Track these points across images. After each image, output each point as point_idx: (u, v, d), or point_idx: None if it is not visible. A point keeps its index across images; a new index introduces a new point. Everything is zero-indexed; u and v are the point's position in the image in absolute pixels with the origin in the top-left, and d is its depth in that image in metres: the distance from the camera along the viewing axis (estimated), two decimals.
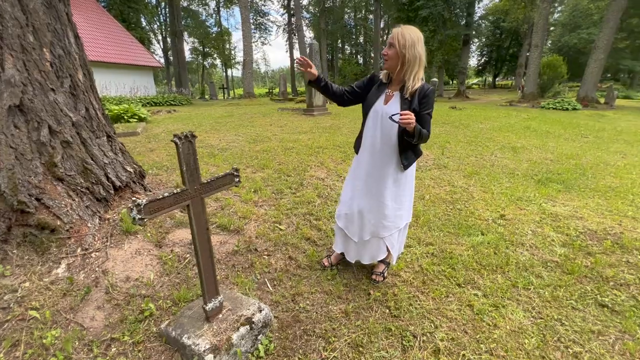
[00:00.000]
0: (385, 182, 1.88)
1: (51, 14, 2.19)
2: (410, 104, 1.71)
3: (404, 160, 1.82)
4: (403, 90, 1.74)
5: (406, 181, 1.91)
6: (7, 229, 1.88)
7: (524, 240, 2.64)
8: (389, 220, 1.93)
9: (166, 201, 1.27)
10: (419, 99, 1.71)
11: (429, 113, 1.74)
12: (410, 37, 1.63)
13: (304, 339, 1.66)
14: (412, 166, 1.91)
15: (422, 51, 1.66)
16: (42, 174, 2.02)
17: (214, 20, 38.93)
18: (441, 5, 21.41)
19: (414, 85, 1.69)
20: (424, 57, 1.68)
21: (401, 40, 1.62)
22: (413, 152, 1.87)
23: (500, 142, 6.12)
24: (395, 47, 1.64)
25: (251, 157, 4.39)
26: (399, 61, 1.67)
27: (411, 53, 1.63)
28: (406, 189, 1.93)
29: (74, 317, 1.64)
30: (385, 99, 1.81)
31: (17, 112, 1.97)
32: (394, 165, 1.84)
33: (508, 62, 41.84)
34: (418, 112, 1.71)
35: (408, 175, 1.91)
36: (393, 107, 1.76)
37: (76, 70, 2.32)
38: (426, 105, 1.71)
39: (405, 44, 1.62)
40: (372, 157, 1.87)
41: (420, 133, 1.65)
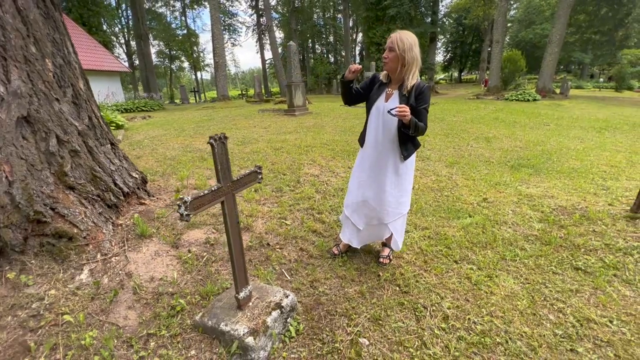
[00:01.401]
0: (388, 172, 2.06)
1: (49, 24, 2.19)
2: (408, 100, 1.90)
3: (404, 152, 2.02)
4: (401, 88, 1.93)
5: (406, 170, 2.10)
6: (24, 240, 1.89)
7: (507, 219, 2.95)
8: (392, 207, 2.12)
9: (206, 198, 1.38)
10: (415, 95, 1.90)
11: (425, 108, 1.93)
12: (408, 41, 1.82)
13: (328, 318, 1.82)
14: (412, 157, 2.11)
15: (418, 53, 1.87)
16: (53, 184, 2.03)
17: (180, 22, 37.86)
18: (407, 4, 22.17)
19: (411, 83, 1.88)
20: (420, 57, 1.88)
21: (400, 44, 1.81)
22: (412, 143, 2.07)
23: (474, 133, 6.56)
24: (395, 51, 1.83)
25: (243, 159, 4.46)
26: (398, 63, 1.85)
27: (410, 55, 1.83)
28: (407, 178, 2.12)
29: (106, 318, 1.70)
30: (385, 96, 2.00)
31: (24, 123, 1.97)
32: (395, 156, 2.03)
33: (472, 57, 43.96)
34: (415, 107, 1.90)
35: (408, 165, 2.10)
36: (393, 104, 1.94)
37: (77, 79, 2.33)
38: (422, 101, 1.91)
39: (404, 48, 1.81)
40: (375, 149, 2.06)
41: (416, 125, 1.85)
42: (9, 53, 1.91)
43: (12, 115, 1.89)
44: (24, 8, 2.01)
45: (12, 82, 1.91)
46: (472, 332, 1.72)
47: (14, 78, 1.92)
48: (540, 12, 34.67)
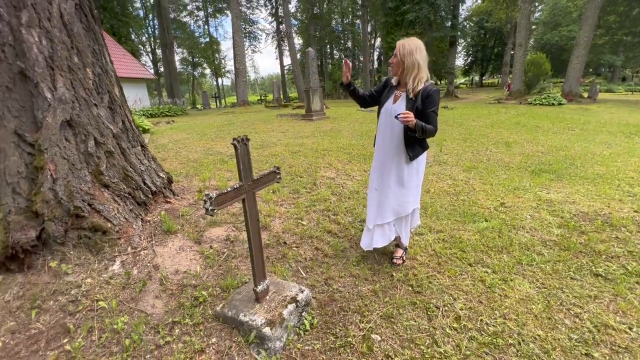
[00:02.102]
0: (393, 172, 2.16)
1: (90, 36, 2.40)
2: (414, 103, 1.98)
3: (410, 152, 2.09)
4: (408, 91, 2.01)
5: (412, 171, 2.17)
6: (64, 232, 2.08)
7: (524, 224, 2.91)
8: (398, 205, 2.20)
9: (229, 195, 1.49)
10: (423, 98, 1.97)
11: (434, 110, 2.00)
12: (408, 47, 1.93)
13: (341, 314, 1.88)
14: (420, 158, 2.17)
15: (420, 57, 1.94)
16: (90, 182, 2.22)
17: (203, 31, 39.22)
18: (427, 9, 22.04)
19: (415, 86, 1.97)
20: (423, 62, 1.96)
21: (401, 49, 1.94)
22: (420, 145, 2.13)
23: (493, 137, 6.45)
24: (397, 56, 1.96)
25: (261, 162, 4.60)
26: (400, 67, 1.98)
27: (409, 60, 1.94)
28: (412, 179, 2.19)
29: (136, 305, 1.84)
30: (394, 99, 2.10)
31: (67, 126, 2.17)
32: (402, 156, 2.11)
33: (493, 61, 42.95)
34: (423, 110, 1.98)
35: (414, 166, 2.16)
36: (400, 106, 2.04)
37: (113, 86, 2.53)
38: (430, 104, 1.97)
39: (404, 53, 1.93)
40: (384, 150, 2.16)
41: (422, 128, 1.92)
42: (55, 63, 2.12)
43: (57, 119, 2.09)
44: (69, 22, 2.22)
45: (58, 89, 2.12)
46: (484, 332, 1.74)
47: (60, 86, 2.13)
48: (567, 14, 33.52)
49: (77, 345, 1.60)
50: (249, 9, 34.70)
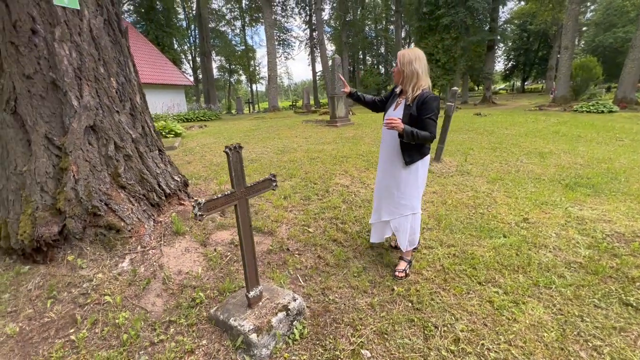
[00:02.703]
0: (392, 174, 2.23)
1: (116, 48, 2.60)
2: (410, 110, 2.04)
3: (406, 157, 2.12)
4: (406, 98, 2.09)
5: (409, 175, 2.18)
6: (83, 229, 2.24)
7: (548, 243, 2.69)
8: (393, 206, 2.26)
9: (219, 201, 1.53)
10: (418, 105, 2.02)
11: (430, 117, 2.01)
12: (408, 57, 2.00)
13: (333, 326, 1.85)
14: (418, 163, 2.16)
15: (419, 67, 2.00)
16: (109, 183, 2.38)
17: (240, 39, 40.87)
18: (463, 13, 21.31)
19: (414, 94, 2.02)
20: (422, 71, 2.02)
21: (401, 59, 2.02)
22: (418, 151, 2.14)
23: (526, 147, 6.05)
24: (398, 65, 2.04)
25: (279, 167, 4.68)
26: (400, 76, 2.06)
27: (408, 69, 2.01)
28: (409, 182, 2.20)
29: (138, 302, 1.94)
30: (395, 105, 2.18)
31: (91, 131, 2.36)
32: (398, 161, 2.17)
33: (537, 65, 40.38)
34: (418, 116, 2.02)
35: (412, 170, 2.17)
36: (398, 112, 2.11)
37: (135, 94, 2.72)
38: (425, 110, 2.00)
39: (404, 62, 2.01)
40: (385, 153, 2.26)
41: (412, 134, 1.95)
42: (83, 74, 2.32)
43: (81, 125, 2.28)
44: (97, 36, 2.43)
45: (84, 97, 2.31)
46: (483, 358, 1.62)
47: (85, 94, 2.32)
48: (624, 14, 30.74)
49: (82, 336, 1.72)
50: (283, 17, 35.71)
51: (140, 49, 18.10)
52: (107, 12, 2.53)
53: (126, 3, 24.96)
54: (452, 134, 7.61)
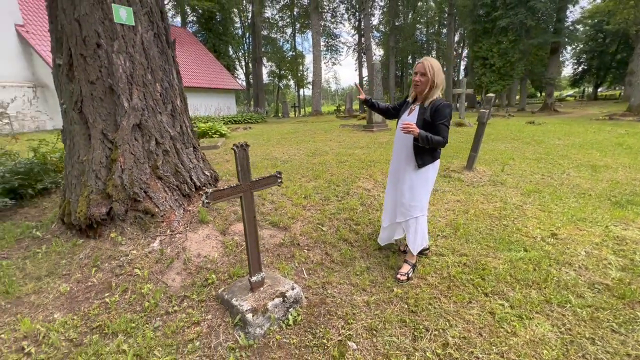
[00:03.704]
0: (404, 177, 2.31)
1: (163, 58, 3.00)
2: (423, 115, 2.13)
3: (419, 160, 2.21)
4: (423, 104, 2.18)
5: (421, 178, 2.26)
6: (125, 212, 2.63)
7: (573, 261, 2.51)
8: (405, 208, 2.32)
9: (225, 192, 1.74)
10: (432, 111, 2.11)
11: (443, 123, 2.10)
12: (437, 67, 2.10)
13: (326, 317, 1.96)
14: (429, 167, 2.25)
15: (443, 76, 2.13)
16: (148, 174, 2.75)
17: (290, 45, 42.42)
18: (523, 14, 19.86)
19: (432, 99, 2.13)
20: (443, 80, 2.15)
21: (431, 70, 2.09)
22: (430, 155, 2.23)
23: (577, 159, 5.53)
24: (428, 76, 2.09)
25: (307, 169, 4.88)
26: (428, 85, 2.12)
27: (439, 78, 2.11)
28: (419, 184, 2.27)
29: (161, 277, 2.24)
30: (409, 111, 2.27)
31: (137, 129, 2.75)
32: (410, 163, 2.26)
33: (614, 69, 35.91)
34: (432, 122, 2.11)
35: (423, 173, 2.25)
36: (412, 117, 2.20)
37: (176, 97, 3.09)
38: (438, 116, 2.10)
39: (435, 72, 2.09)
40: (398, 157, 2.35)
41: (427, 138, 2.04)
42: (134, 79, 2.73)
43: (129, 123, 2.68)
44: (147, 48, 2.83)
45: (133, 100, 2.71)
46: None
47: (134, 97, 2.72)
48: None
49: (114, 299, 2.04)
50: (332, 24, 36.33)
51: (198, 56, 19.77)
52: (157, 27, 2.93)
53: (190, 14, 27.40)
54: (493, 142, 7.21)
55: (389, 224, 2.49)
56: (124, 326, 1.85)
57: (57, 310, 2.00)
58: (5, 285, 2.17)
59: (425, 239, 2.45)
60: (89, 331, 1.84)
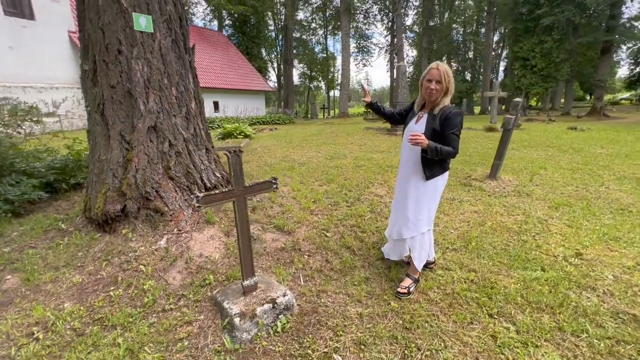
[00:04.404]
0: (410, 189, 2.19)
1: (179, 62, 3.12)
2: (433, 123, 2.02)
3: (427, 172, 2.09)
4: (432, 111, 2.07)
5: (428, 190, 2.15)
6: (137, 210, 2.77)
7: (598, 285, 2.27)
8: (411, 222, 2.21)
9: (217, 196, 1.77)
10: (442, 120, 1.99)
11: (453, 132, 1.98)
12: (450, 73, 2.00)
13: (316, 327, 1.92)
14: (438, 178, 2.13)
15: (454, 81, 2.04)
16: (161, 174, 2.88)
17: (322, 47, 42.66)
18: (570, 11, 18.44)
19: (443, 105, 2.02)
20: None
21: (446, 77, 1.99)
22: (439, 166, 2.11)
23: (620, 171, 5.03)
24: (443, 83, 1.99)
25: (322, 172, 4.86)
26: (441, 93, 2.02)
27: (452, 85, 2.02)
28: (426, 197, 2.16)
29: (163, 275, 2.32)
30: (416, 119, 2.17)
31: (152, 130, 2.88)
32: (418, 175, 2.14)
33: None
34: (441, 132, 1.99)
35: (431, 185, 2.13)
36: (420, 126, 2.10)
37: (191, 101, 3.21)
38: (448, 126, 1.98)
39: (449, 80, 2.00)
40: (405, 167, 2.24)
41: (436, 149, 1.92)
42: (151, 84, 2.86)
43: (145, 125, 2.81)
44: (165, 53, 2.96)
45: (149, 103, 2.85)
46: None
47: (151, 100, 2.86)
48: None
49: (118, 293, 2.15)
50: (365, 25, 36.02)
51: (231, 59, 20.46)
52: (175, 33, 3.06)
53: (227, 18, 28.46)
54: (526, 149, 6.75)
55: (396, 240, 2.35)
56: (123, 320, 1.94)
57: (67, 300, 2.14)
58: (28, 273, 2.36)
59: (431, 253, 2.36)
60: (92, 322, 1.95)
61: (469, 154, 6.15)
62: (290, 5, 27.24)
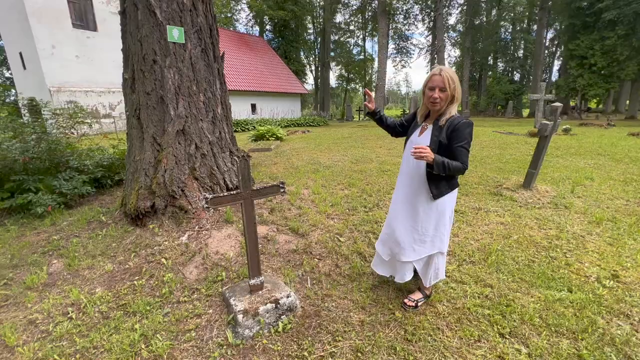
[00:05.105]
0: (417, 209, 1.98)
1: (208, 70, 3.33)
2: (439, 135, 1.82)
3: (434, 190, 1.89)
4: (437, 122, 1.86)
5: (435, 210, 1.94)
6: (164, 207, 3.00)
7: (633, 312, 2.04)
8: (418, 245, 2.01)
9: (225, 198, 1.88)
10: (448, 132, 1.79)
11: (462, 145, 1.77)
12: (456, 78, 1.78)
13: (316, 330, 1.96)
14: (446, 197, 1.93)
15: (460, 87, 1.82)
16: (187, 174, 3.09)
17: (360, 49, 42.46)
18: (639, 3, 16.53)
19: (449, 115, 1.81)
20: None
21: (451, 83, 1.76)
22: (447, 183, 1.91)
23: None
24: (447, 91, 1.77)
25: (345, 176, 4.87)
26: (447, 102, 1.81)
27: (458, 92, 1.79)
28: (435, 218, 1.96)
29: (182, 269, 2.50)
30: (420, 130, 1.97)
31: (181, 134, 3.11)
32: (424, 193, 1.94)
33: None
34: (448, 145, 1.80)
35: (439, 204, 1.93)
36: (425, 138, 1.90)
37: (217, 106, 3.41)
38: (456, 138, 1.77)
39: (455, 87, 1.77)
40: (407, 183, 2.03)
41: (443, 165, 1.72)
42: (181, 90, 3.09)
43: (174, 129, 3.04)
44: (194, 62, 3.18)
45: (179, 108, 3.07)
46: None
47: (180, 106, 3.08)
48: None
49: (140, 283, 2.36)
50: (404, 25, 35.25)
51: (269, 63, 21.14)
52: (205, 43, 3.27)
53: (268, 23, 29.48)
54: (572, 157, 6.19)
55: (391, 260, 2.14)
56: (142, 308, 2.12)
57: (99, 285, 2.39)
58: (70, 259, 2.67)
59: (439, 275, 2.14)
60: (116, 307, 2.16)
61: (505, 160, 5.79)
62: (329, 8, 27.48)
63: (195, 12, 3.14)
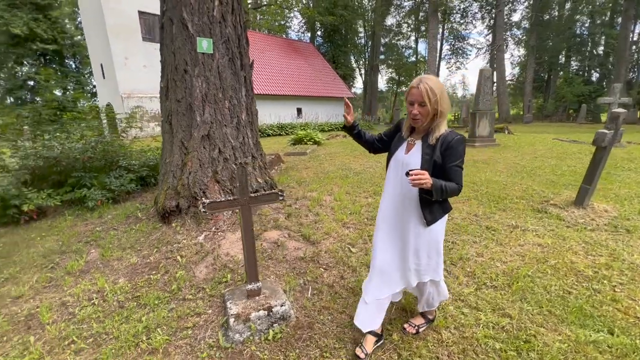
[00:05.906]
0: (407, 237, 1.73)
1: (234, 78, 3.48)
2: (432, 154, 1.59)
3: (427, 216, 1.66)
4: (427, 139, 1.62)
5: (429, 238, 1.72)
6: (188, 207, 3.19)
7: None
8: (411, 273, 1.79)
9: (222, 204, 1.94)
10: (442, 150, 1.56)
11: (457, 164, 1.56)
12: (439, 90, 1.53)
13: (306, 343, 1.91)
14: (440, 222, 1.72)
15: (448, 98, 1.58)
16: (209, 177, 3.26)
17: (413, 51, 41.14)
18: None
19: (436, 133, 1.58)
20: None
21: (432, 96, 1.52)
22: (440, 207, 1.69)
23: None
24: (427, 105, 1.53)
25: (373, 183, 4.72)
26: (429, 117, 1.57)
27: (444, 104, 1.55)
28: (429, 245, 1.74)
29: (194, 267, 2.63)
30: (407, 147, 1.70)
31: (206, 139, 3.29)
32: (416, 220, 1.69)
33: None
34: (443, 165, 1.58)
35: (433, 231, 1.71)
36: (413, 157, 1.65)
37: (242, 112, 3.54)
38: (451, 157, 1.55)
39: (437, 100, 1.52)
40: (394, 208, 1.76)
41: (442, 189, 1.51)
42: (207, 98, 3.28)
43: (199, 134, 3.23)
44: (221, 71, 3.35)
45: (204, 115, 3.26)
46: None
47: (206, 112, 3.27)
48: None
49: (155, 277, 2.54)
50: (461, 25, 33.31)
51: (317, 67, 21.53)
52: (232, 52, 3.43)
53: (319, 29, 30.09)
54: None
55: (376, 299, 1.80)
56: (152, 301, 2.28)
57: (122, 276, 2.62)
58: (104, 250, 2.97)
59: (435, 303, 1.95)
60: (131, 298, 2.35)
61: (560, 173, 5.12)
62: (379, 12, 27.13)
63: (224, 24, 3.32)
